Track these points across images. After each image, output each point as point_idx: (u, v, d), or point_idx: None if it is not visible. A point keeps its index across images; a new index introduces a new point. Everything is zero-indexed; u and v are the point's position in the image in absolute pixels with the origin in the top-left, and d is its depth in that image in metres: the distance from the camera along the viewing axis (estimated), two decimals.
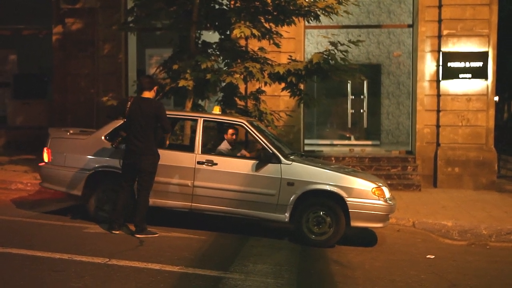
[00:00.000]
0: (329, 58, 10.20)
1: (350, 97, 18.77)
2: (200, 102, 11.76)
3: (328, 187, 7.73)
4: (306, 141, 15.01)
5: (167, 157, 8.02)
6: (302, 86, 11.58)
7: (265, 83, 10.47)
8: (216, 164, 7.96)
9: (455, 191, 12.81)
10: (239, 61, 10.52)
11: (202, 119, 8.36)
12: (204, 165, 7.96)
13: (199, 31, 11.16)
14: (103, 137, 8.28)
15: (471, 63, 13.45)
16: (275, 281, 6.03)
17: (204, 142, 8.32)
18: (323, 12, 10.55)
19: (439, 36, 13.59)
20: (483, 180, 13.28)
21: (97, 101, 13.94)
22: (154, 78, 8.60)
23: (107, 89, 14.10)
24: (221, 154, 8.53)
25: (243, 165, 8.00)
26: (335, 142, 17.53)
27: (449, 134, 13.56)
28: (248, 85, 12.36)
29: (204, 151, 8.19)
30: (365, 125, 18.72)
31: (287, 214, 7.80)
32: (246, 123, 8.35)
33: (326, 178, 7.81)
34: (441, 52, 13.56)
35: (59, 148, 8.49)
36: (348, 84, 18.23)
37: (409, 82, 16.27)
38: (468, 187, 13.26)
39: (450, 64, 13.49)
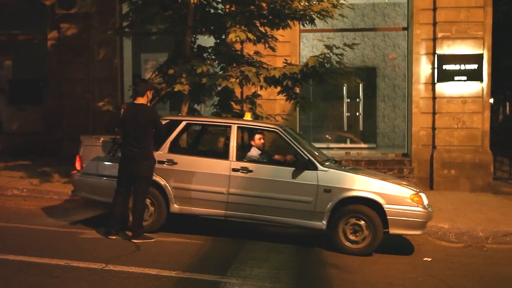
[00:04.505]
0: (325, 61, 10.20)
1: (346, 100, 18.78)
2: (196, 106, 11.75)
3: (365, 194, 7.63)
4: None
5: (200, 164, 8.01)
6: (298, 90, 11.58)
7: (261, 87, 10.46)
8: (251, 171, 7.89)
9: (451, 193, 12.82)
10: (234, 65, 10.52)
11: (236, 125, 8.28)
12: (239, 172, 7.89)
13: (194, 36, 11.16)
14: None
15: (466, 65, 13.47)
16: (273, 285, 6.02)
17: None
18: (318, 15, 10.55)
19: (434, 39, 13.62)
20: (479, 182, 13.30)
21: (93, 106, 13.92)
22: (149, 83, 8.54)
23: (103, 94, 14.06)
24: (254, 161, 8.40)
25: (279, 172, 7.91)
26: (331, 145, 17.52)
27: (445, 137, 13.58)
28: (244, 89, 12.35)
29: (238, 158, 8.10)
30: (361, 128, 18.72)
31: (324, 222, 7.69)
32: (280, 129, 8.26)
33: (363, 185, 7.72)
34: (436, 55, 13.59)
35: (91, 155, 8.40)
36: (344, 87, 18.24)
37: (404, 84, 16.30)
38: (464, 189, 13.27)
39: (445, 66, 13.52)
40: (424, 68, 13.78)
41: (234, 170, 7.90)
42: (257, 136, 8.89)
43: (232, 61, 10.78)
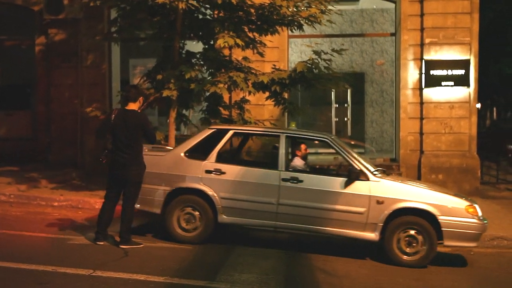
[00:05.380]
0: (313, 67, 10.24)
1: (334, 105, 18.85)
2: (184, 111, 11.75)
3: (420, 205, 7.53)
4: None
5: (249, 173, 7.94)
6: (286, 95, 11.61)
7: (249, 92, 10.47)
8: (302, 181, 7.76)
9: None
10: (223, 70, 10.52)
11: (285, 135, 8.15)
12: (289, 183, 7.75)
13: (182, 41, 11.16)
14: (182, 154, 8.12)
15: (453, 71, 13.57)
16: None
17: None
18: (307, 21, 10.59)
19: (422, 45, 13.71)
20: (466, 186, 13.36)
21: (81, 112, 13.85)
22: (140, 89, 8.50)
23: (91, 99, 14.00)
24: (303, 171, 8.31)
25: (330, 183, 7.79)
26: (320, 150, 17.51)
27: (433, 142, 13.65)
28: (232, 94, 12.37)
29: (286, 168, 7.98)
30: (349, 133, 18.79)
31: (376, 233, 7.56)
32: (331, 139, 8.17)
33: (417, 196, 7.62)
34: (423, 60, 13.67)
35: None
36: (332, 93, 18.29)
37: (392, 90, 16.37)
38: None
39: (432, 72, 13.60)
40: (411, 74, 13.86)
41: (284, 180, 7.77)
42: (303, 146, 8.84)
43: (220, 66, 10.79)
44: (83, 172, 13.67)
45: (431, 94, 13.70)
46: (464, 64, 13.57)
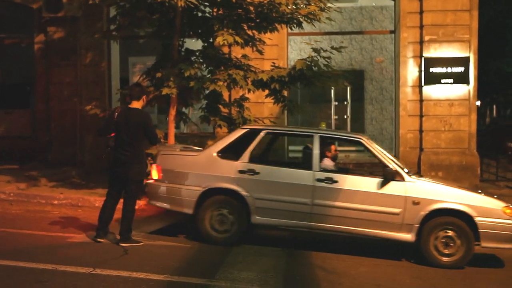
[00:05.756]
0: (312, 64, 10.23)
1: (334, 103, 18.86)
2: (184, 109, 11.74)
3: (456, 206, 7.50)
4: (290, 148, 15.01)
5: (283, 174, 7.89)
6: (285, 93, 11.61)
7: (249, 90, 10.47)
8: (336, 181, 7.69)
9: None
10: (222, 68, 10.51)
11: (318, 135, 8.09)
12: (323, 183, 7.69)
13: (182, 39, 11.15)
14: (215, 154, 8.06)
15: (452, 68, 13.57)
16: None
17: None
18: (306, 19, 10.58)
19: (421, 42, 13.71)
20: (466, 184, 13.29)
21: (81, 110, 13.87)
22: (144, 87, 8.48)
23: (90, 97, 14.00)
24: (337, 171, 8.28)
25: (365, 183, 7.73)
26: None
27: (432, 139, 13.65)
28: (232, 92, 12.36)
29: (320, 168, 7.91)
30: (349, 130, 18.79)
31: (412, 234, 7.52)
32: (365, 139, 8.11)
33: (453, 197, 7.59)
34: (423, 58, 13.67)
35: (169, 164, 8.18)
36: (332, 90, 18.31)
37: (392, 87, 16.38)
38: None
39: (432, 69, 13.61)
40: (411, 71, 13.86)
41: (318, 180, 7.71)
42: (332, 147, 8.81)
43: (219, 64, 10.78)
44: (82, 170, 13.67)
45: (431, 91, 13.70)
46: (464, 61, 13.57)
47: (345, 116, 18.80)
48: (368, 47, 19.09)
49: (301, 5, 10.51)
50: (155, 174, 8.20)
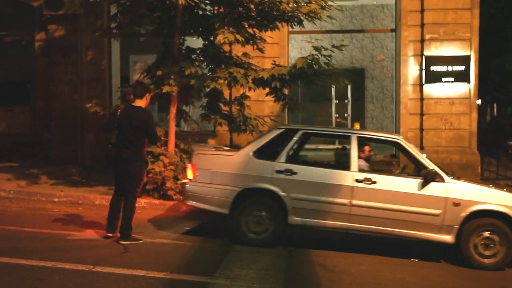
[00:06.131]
0: (313, 62, 10.22)
1: (334, 101, 18.82)
2: (184, 107, 11.74)
3: (497, 207, 7.44)
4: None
5: (321, 174, 7.81)
6: (286, 91, 11.60)
7: (249, 88, 10.47)
8: (375, 182, 7.60)
9: None
10: (223, 66, 10.51)
11: (356, 135, 8.00)
12: (362, 183, 7.60)
13: (182, 37, 11.15)
14: (251, 153, 7.96)
15: (453, 67, 13.56)
16: (261, 286, 6.03)
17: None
18: (307, 17, 10.58)
19: (422, 41, 13.70)
20: None
21: (81, 108, 13.87)
22: (147, 85, 8.48)
23: (91, 95, 14.00)
24: (376, 171, 8.24)
25: (405, 184, 7.66)
26: (320, 146, 17.52)
27: (433, 138, 13.65)
28: (233, 90, 12.36)
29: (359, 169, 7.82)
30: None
31: (452, 236, 7.47)
32: (402, 140, 8.07)
33: (493, 198, 7.54)
34: (424, 56, 13.66)
35: (205, 164, 8.04)
36: (332, 89, 18.27)
37: (392, 86, 16.37)
38: None
39: (433, 68, 13.60)
40: (412, 70, 13.85)
41: (357, 181, 7.62)
42: (366, 148, 8.76)
43: (220, 62, 10.77)
44: (83, 168, 13.68)
45: (432, 90, 13.69)
46: (465, 60, 13.56)
47: (345, 115, 18.77)
48: (369, 45, 19.07)
49: (302, 3, 10.52)
50: (190, 174, 8.09)
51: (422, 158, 7.84)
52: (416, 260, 7.74)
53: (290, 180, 7.75)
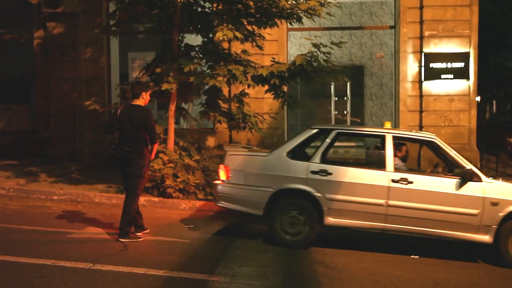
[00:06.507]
0: (312, 60, 10.20)
1: (334, 98, 18.84)
2: (183, 105, 11.73)
3: None
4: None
5: (356, 174, 7.73)
6: (285, 88, 11.59)
7: (249, 86, 10.46)
8: (411, 182, 7.54)
9: None
10: (222, 63, 10.50)
11: (391, 135, 7.93)
12: (398, 184, 7.54)
13: (181, 34, 11.13)
14: (285, 154, 7.89)
15: (452, 63, 13.56)
16: (261, 283, 6.03)
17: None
18: (306, 14, 10.56)
19: (421, 37, 13.69)
20: None
21: (80, 105, 13.86)
22: (144, 84, 8.49)
23: (90, 93, 14.01)
24: (412, 171, 8.20)
25: (441, 184, 7.58)
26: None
27: None
28: (232, 87, 12.35)
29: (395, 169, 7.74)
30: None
31: (490, 235, 7.43)
32: (438, 140, 8.02)
33: None
34: (423, 53, 13.66)
35: (238, 165, 7.98)
36: (331, 86, 18.28)
37: (392, 83, 16.36)
38: None
39: (432, 65, 13.60)
40: (411, 67, 13.85)
41: (393, 181, 7.56)
42: (403, 147, 8.70)
43: (219, 59, 10.77)
44: (82, 165, 13.68)
45: (431, 87, 13.69)
46: (464, 57, 13.57)
47: (345, 112, 18.78)
48: (368, 42, 19.07)
49: (301, 0, 10.50)
50: (223, 175, 8.03)
51: (460, 157, 7.78)
52: (417, 257, 7.73)
53: (325, 181, 7.68)
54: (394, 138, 8.01)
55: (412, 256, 7.75)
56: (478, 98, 25.75)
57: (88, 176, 12.29)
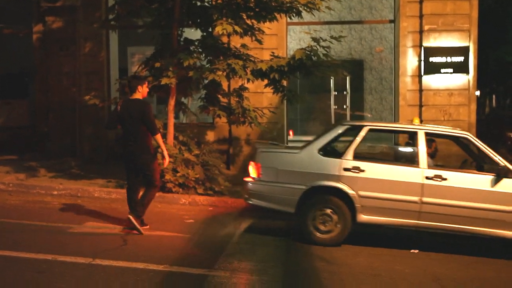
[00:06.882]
0: (312, 54, 10.19)
1: (333, 93, 18.82)
2: (183, 99, 11.71)
3: None
4: (290, 138, 15.01)
5: (389, 171, 7.69)
6: (285, 83, 11.57)
7: (248, 80, 10.45)
8: (446, 179, 7.51)
9: None
10: (221, 58, 10.48)
11: (424, 131, 7.90)
12: (432, 180, 7.52)
13: (181, 29, 11.10)
14: (316, 151, 7.85)
15: (452, 58, 13.54)
16: (260, 278, 6.04)
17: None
18: (305, 8, 10.53)
19: (421, 31, 13.66)
20: None
21: (79, 100, 13.84)
22: (139, 77, 8.51)
23: (89, 87, 13.98)
24: (446, 168, 8.10)
25: (476, 180, 7.56)
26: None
27: None
28: (231, 82, 12.32)
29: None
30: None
31: None
32: (472, 136, 7.99)
33: None
34: (422, 47, 13.63)
35: (269, 163, 7.93)
36: (331, 80, 18.26)
37: (391, 77, 16.34)
38: None
39: (431, 59, 13.57)
40: (410, 61, 13.83)
41: (427, 178, 7.53)
42: (433, 144, 8.64)
43: (219, 54, 10.75)
44: (81, 160, 13.67)
45: (430, 81, 13.67)
46: (463, 51, 13.54)
47: (344, 106, 18.77)
48: (368, 36, 19.03)
49: None
50: (253, 173, 7.98)
51: (494, 154, 7.73)
52: (417, 251, 7.74)
53: (358, 178, 7.63)
54: (427, 134, 7.96)
55: (412, 251, 7.76)
56: (477, 93, 25.69)
57: (88, 171, 12.28)
